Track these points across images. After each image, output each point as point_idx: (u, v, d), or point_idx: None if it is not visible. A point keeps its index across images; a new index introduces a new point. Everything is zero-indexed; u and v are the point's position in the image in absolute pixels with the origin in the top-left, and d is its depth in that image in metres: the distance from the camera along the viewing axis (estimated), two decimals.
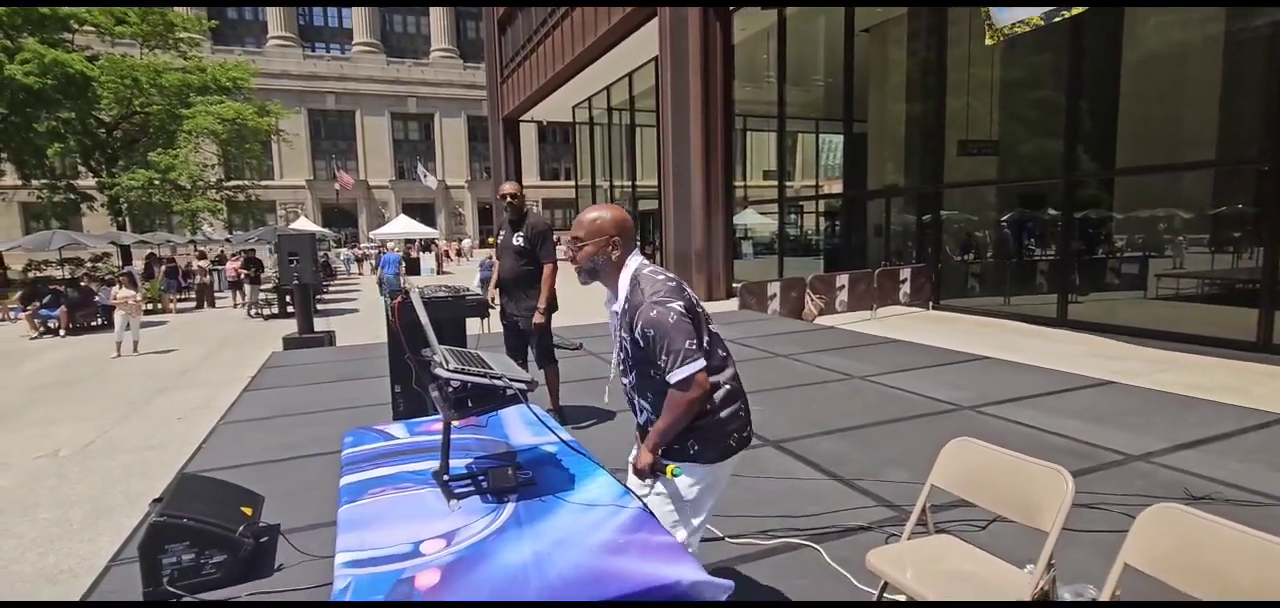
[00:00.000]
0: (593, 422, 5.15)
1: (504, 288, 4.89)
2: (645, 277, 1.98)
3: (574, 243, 2.05)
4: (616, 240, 2.02)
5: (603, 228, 2.02)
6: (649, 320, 1.90)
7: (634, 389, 2.12)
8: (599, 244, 2.01)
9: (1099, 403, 5.20)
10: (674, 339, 1.88)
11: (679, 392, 1.90)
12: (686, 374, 1.89)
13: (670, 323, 1.89)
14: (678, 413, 1.93)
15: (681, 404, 1.91)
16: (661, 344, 1.89)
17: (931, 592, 1.92)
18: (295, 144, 42.09)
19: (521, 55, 27.29)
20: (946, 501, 2.91)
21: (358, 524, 1.84)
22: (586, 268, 2.05)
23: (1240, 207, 9.93)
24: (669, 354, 1.89)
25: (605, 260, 2.03)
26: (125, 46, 23.32)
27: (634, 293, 1.97)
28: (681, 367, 1.89)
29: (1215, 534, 1.67)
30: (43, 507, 4.95)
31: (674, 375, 1.89)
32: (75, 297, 15.14)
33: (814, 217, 19.02)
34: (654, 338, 1.90)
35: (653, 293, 1.93)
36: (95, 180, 23.03)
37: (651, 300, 1.91)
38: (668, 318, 1.89)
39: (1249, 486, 3.50)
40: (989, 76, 12.69)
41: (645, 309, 1.91)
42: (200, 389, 8.61)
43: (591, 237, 2.02)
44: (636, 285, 1.98)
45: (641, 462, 2.01)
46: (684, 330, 1.90)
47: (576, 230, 2.05)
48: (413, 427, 2.69)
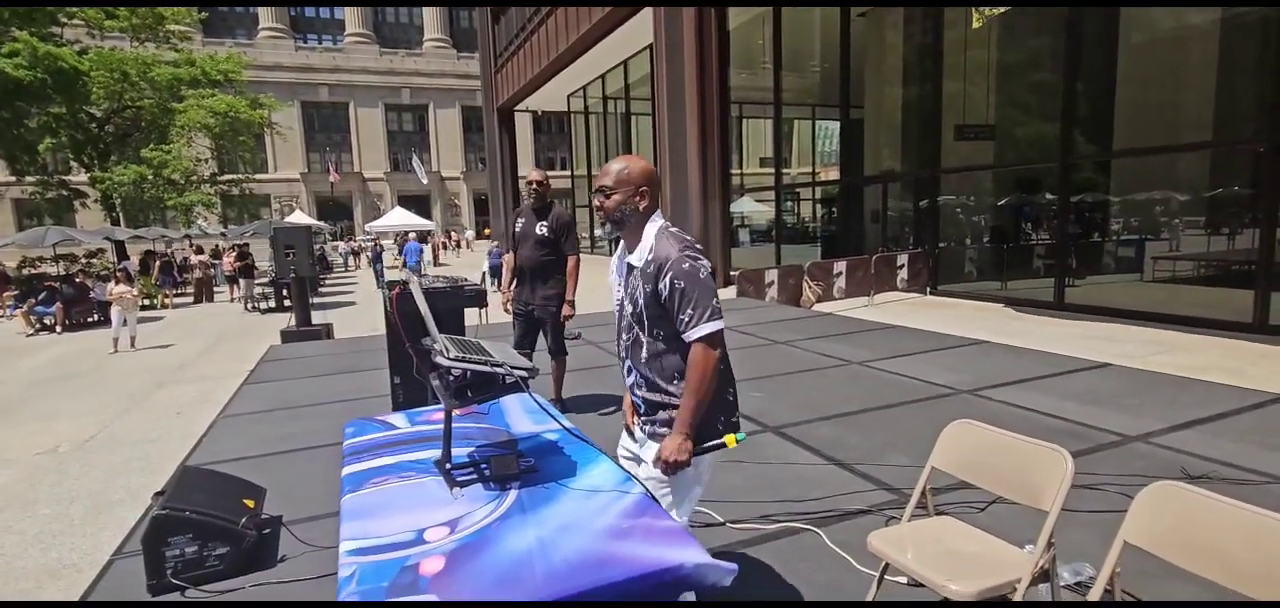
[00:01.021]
0: (594, 411, 5.16)
1: (521, 276, 4.81)
2: (674, 234, 1.97)
3: (600, 192, 2.02)
4: (644, 191, 2.00)
5: (631, 178, 1.99)
6: (681, 272, 1.88)
7: (628, 350, 2.08)
8: (626, 194, 1.99)
9: (1096, 385, 5.22)
10: (703, 294, 1.88)
11: (701, 350, 1.88)
12: (711, 331, 1.88)
13: (701, 279, 1.89)
14: (703, 380, 1.89)
15: (706, 367, 1.89)
16: (690, 297, 1.88)
17: (932, 572, 1.94)
18: (289, 137, 41.82)
19: (515, 45, 27.14)
20: (946, 483, 2.93)
21: (361, 513, 1.85)
22: (614, 217, 2.01)
23: (1237, 188, 9.95)
24: (696, 308, 1.88)
25: (632, 211, 2.00)
26: (115, 40, 23.12)
27: (662, 246, 1.94)
28: (708, 322, 1.88)
29: (1213, 511, 1.68)
30: (43, 502, 4.95)
31: (699, 330, 1.88)
32: (71, 293, 15.09)
33: (811, 204, 19.01)
34: (683, 291, 1.88)
35: (684, 248, 1.92)
36: (87, 176, 22.86)
37: (684, 254, 1.90)
38: (699, 273, 1.89)
39: (1244, 464, 3.52)
40: (986, 60, 12.66)
41: (678, 261, 1.89)
42: (199, 383, 8.60)
43: (619, 186, 1.99)
44: (665, 239, 1.95)
45: (674, 451, 1.91)
46: (712, 289, 1.91)
47: (603, 179, 2.02)
48: (414, 417, 2.70)
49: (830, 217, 17.73)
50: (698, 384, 1.89)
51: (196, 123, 22.32)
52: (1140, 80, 11.12)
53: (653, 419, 2.05)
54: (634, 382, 2.09)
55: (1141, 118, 11.16)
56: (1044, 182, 11.71)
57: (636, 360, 2.05)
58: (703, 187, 15.37)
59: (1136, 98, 11.10)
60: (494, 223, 34.91)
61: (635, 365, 2.07)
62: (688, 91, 14.99)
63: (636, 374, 2.07)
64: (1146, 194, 11.13)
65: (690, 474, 2.00)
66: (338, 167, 47.79)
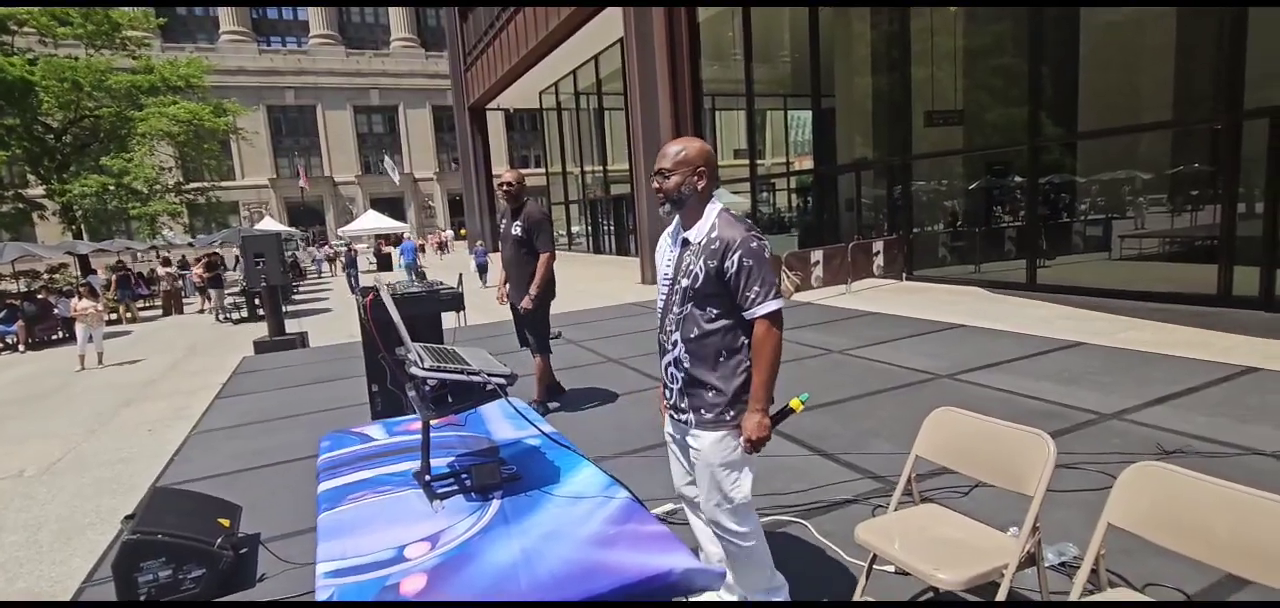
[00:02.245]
0: (577, 410, 5.12)
1: (507, 273, 4.97)
2: (737, 217, 2.04)
3: (660, 175, 2.06)
4: (702, 171, 2.05)
5: (690, 159, 2.04)
6: (750, 250, 1.95)
7: (676, 325, 2.09)
8: (685, 174, 2.04)
9: (1070, 364, 5.30)
10: (769, 273, 1.97)
11: (766, 327, 1.96)
12: (775, 308, 1.97)
13: (766, 258, 1.97)
14: (770, 354, 1.98)
15: (771, 344, 1.97)
16: (758, 276, 1.95)
17: (920, 561, 1.94)
18: (256, 142, 41.01)
19: (484, 42, 26.86)
20: (930, 469, 2.94)
21: (338, 531, 1.80)
22: (672, 198, 2.06)
23: (1197, 165, 10.17)
24: (764, 285, 1.95)
25: (691, 191, 2.05)
26: (70, 47, 22.42)
27: (726, 227, 1.99)
28: (772, 300, 1.96)
29: (1195, 489, 1.70)
30: (9, 529, 4.78)
31: (765, 307, 1.95)
32: (32, 311, 14.64)
33: (786, 193, 19.09)
34: (751, 269, 1.94)
35: (749, 230, 1.99)
36: (44, 188, 22.17)
37: (751, 234, 1.97)
38: (764, 252, 1.97)
39: (1217, 437, 3.59)
40: (952, 46, 12.79)
41: (746, 240, 1.96)
42: (170, 399, 8.39)
43: (678, 168, 2.04)
44: (729, 221, 2.02)
45: (755, 427, 1.98)
46: (774, 269, 1.99)
47: (661, 162, 2.06)
48: (391, 427, 2.64)
49: (805, 206, 17.82)
50: (768, 360, 1.98)
51: (158, 130, 21.74)
52: (1102, 63, 11.31)
53: (694, 401, 2.06)
54: (676, 357, 2.09)
55: (1104, 99, 11.35)
56: (1013, 164, 11.88)
57: (686, 335, 2.06)
58: None
59: (1099, 80, 11.29)
60: (469, 223, 34.61)
61: (683, 340, 2.07)
62: (660, 85, 14.96)
63: (681, 349, 2.07)
64: (1111, 174, 11.34)
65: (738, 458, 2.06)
66: (307, 171, 46.97)
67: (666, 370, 2.14)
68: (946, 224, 13.69)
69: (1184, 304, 8.21)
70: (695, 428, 2.06)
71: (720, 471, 2.04)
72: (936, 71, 12.76)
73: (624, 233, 24.24)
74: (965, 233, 13.22)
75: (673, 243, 2.14)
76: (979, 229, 12.93)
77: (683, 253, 2.07)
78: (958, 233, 13.41)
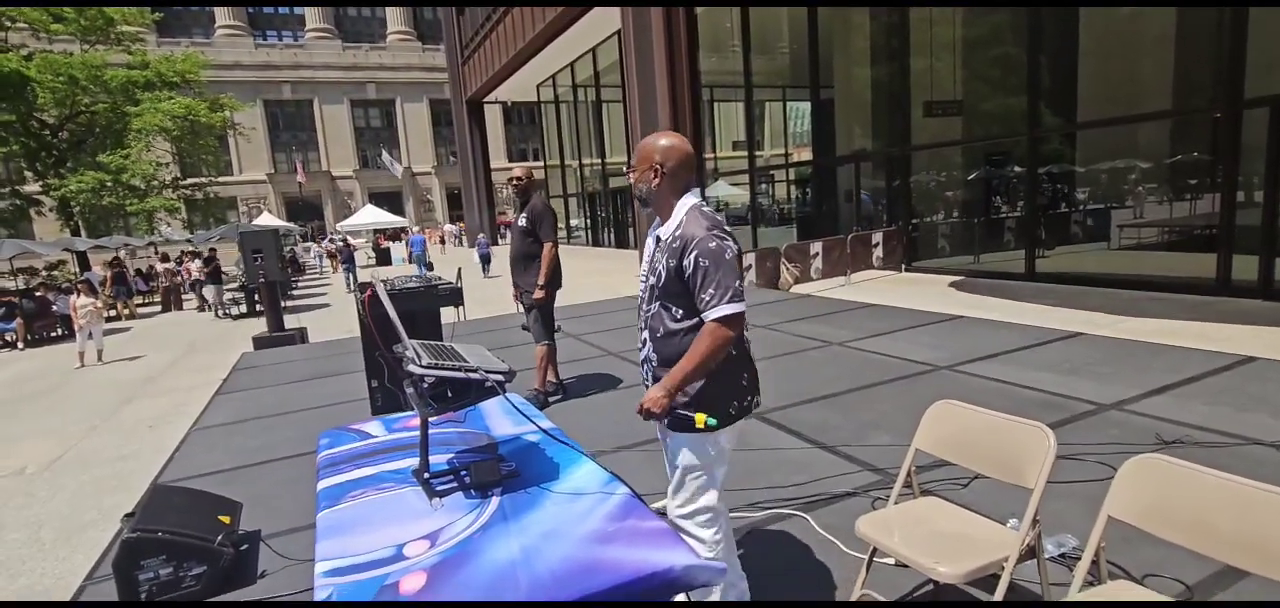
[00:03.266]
0: (578, 402, 5.12)
1: (511, 265, 5.05)
2: (705, 213, 1.98)
3: (633, 169, 2.05)
4: (659, 165, 2.01)
5: (647, 155, 2.02)
6: (706, 250, 1.87)
7: (646, 322, 2.08)
8: (641, 170, 2.03)
9: (1069, 355, 5.30)
10: (726, 275, 1.88)
11: (715, 327, 1.88)
12: (730, 313, 1.87)
13: (726, 259, 1.89)
14: (705, 353, 1.88)
15: (713, 343, 1.87)
16: (713, 277, 1.87)
17: (920, 555, 1.93)
18: (253, 137, 40.86)
19: (481, 35, 26.76)
20: (930, 461, 2.94)
21: (337, 530, 1.79)
22: (639, 195, 2.05)
23: (1196, 154, 10.15)
24: (718, 288, 1.87)
25: (648, 187, 2.02)
26: (65, 43, 22.32)
27: (691, 224, 1.94)
28: (727, 303, 1.87)
29: (1196, 481, 1.69)
30: (10, 527, 4.79)
31: (717, 311, 1.87)
32: (31, 308, 14.61)
33: (785, 185, 19.05)
34: (707, 269, 1.87)
35: (712, 227, 1.92)
36: (40, 184, 22.11)
37: (712, 233, 1.90)
38: (724, 253, 1.89)
39: (1217, 427, 3.59)
40: (951, 37, 12.74)
41: (705, 240, 1.89)
42: (170, 396, 8.38)
43: (639, 163, 2.03)
44: (694, 217, 1.96)
45: (651, 400, 1.92)
46: (735, 270, 1.90)
47: (636, 157, 2.05)
48: (390, 424, 2.64)
49: (804, 197, 17.79)
50: (699, 354, 1.88)
51: (154, 126, 21.66)
52: (1102, 52, 11.27)
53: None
54: (646, 355, 2.08)
55: (1104, 88, 11.32)
56: (1012, 154, 11.86)
57: (655, 333, 2.04)
58: None
59: (1099, 69, 11.26)
60: (468, 216, 34.56)
61: (651, 338, 2.05)
62: (658, 76, 14.91)
63: (650, 348, 2.06)
64: (1110, 163, 11.33)
65: (714, 454, 2.01)
66: (305, 166, 46.85)
67: (643, 366, 2.12)
68: (946, 214, 13.68)
69: (1183, 293, 8.21)
70: (666, 427, 2.04)
71: (687, 474, 2.02)
72: (935, 62, 12.72)
73: (623, 226, 24.22)
74: (965, 223, 13.21)
75: (650, 238, 2.13)
76: (978, 220, 12.92)
77: (655, 250, 2.04)
78: (957, 223, 13.40)
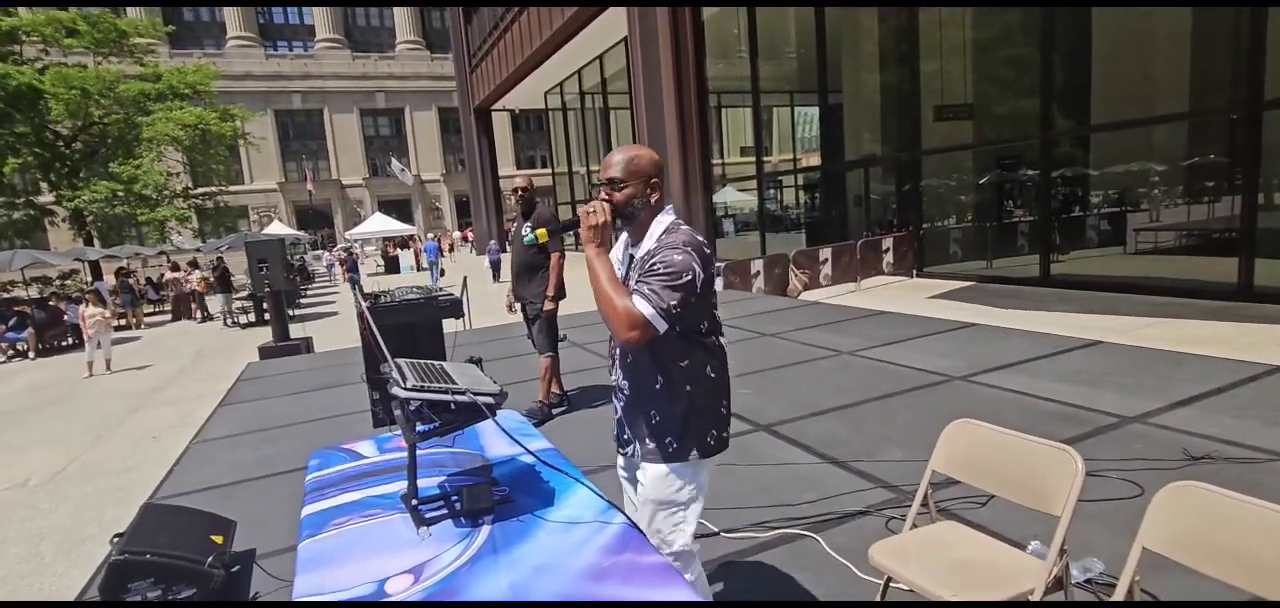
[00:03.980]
0: (581, 414, 5.02)
1: (515, 277, 4.95)
2: (682, 230, 1.82)
3: (610, 185, 1.85)
4: (655, 182, 1.86)
5: (641, 170, 1.84)
6: (667, 258, 1.73)
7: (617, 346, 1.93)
8: (638, 186, 1.84)
9: (1088, 364, 5.15)
10: (670, 290, 1.71)
11: (621, 316, 1.71)
12: (647, 315, 1.70)
13: (681, 277, 1.72)
14: (604, 305, 1.74)
15: (615, 319, 1.72)
16: (655, 277, 1.72)
17: (939, 587, 1.82)
18: (263, 147, 41.18)
19: (489, 44, 26.83)
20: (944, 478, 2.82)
21: (318, 562, 1.69)
22: (625, 212, 1.85)
23: (1213, 157, 9.95)
24: (651, 289, 1.71)
25: (644, 203, 1.85)
26: (78, 57, 22.55)
27: (666, 238, 1.81)
28: (649, 308, 1.70)
29: (1235, 512, 1.57)
30: (11, 541, 4.75)
31: (640, 304, 1.70)
32: (42, 317, 14.70)
33: (793, 191, 18.93)
34: (656, 270, 1.73)
35: (686, 242, 1.77)
36: (54, 195, 22.31)
37: (683, 245, 1.76)
38: (683, 272, 1.72)
39: (1246, 442, 3.44)
40: (961, 39, 12.60)
41: (673, 251, 1.74)
42: (176, 406, 8.37)
43: (631, 178, 1.83)
44: (669, 234, 1.81)
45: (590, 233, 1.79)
46: (681, 290, 1.72)
47: (611, 170, 1.85)
48: (382, 443, 2.54)
49: (813, 203, 17.65)
50: (608, 291, 1.74)
51: (165, 136, 21.83)
52: (1115, 53, 11.10)
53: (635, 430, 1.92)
54: (616, 382, 1.96)
55: (1118, 90, 11.15)
56: (1024, 158, 11.68)
57: (623, 359, 1.91)
58: (684, 178, 15.23)
59: (1113, 70, 11.09)
60: (476, 223, 34.63)
61: (621, 365, 1.93)
62: (665, 83, 14.84)
63: (619, 375, 1.94)
64: (1125, 166, 11.13)
65: (692, 490, 1.88)
66: (315, 174, 47.15)
67: (614, 396, 1.98)
68: (958, 219, 13.50)
69: (1203, 298, 8.02)
70: (641, 461, 1.91)
71: (661, 510, 1.87)
72: (946, 65, 12.58)
73: None
74: (976, 228, 13.03)
75: (623, 256, 1.96)
76: (990, 224, 12.74)
77: (629, 269, 1.88)
78: (969, 228, 13.22)
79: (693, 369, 1.85)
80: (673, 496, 1.86)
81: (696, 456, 1.86)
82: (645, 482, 1.90)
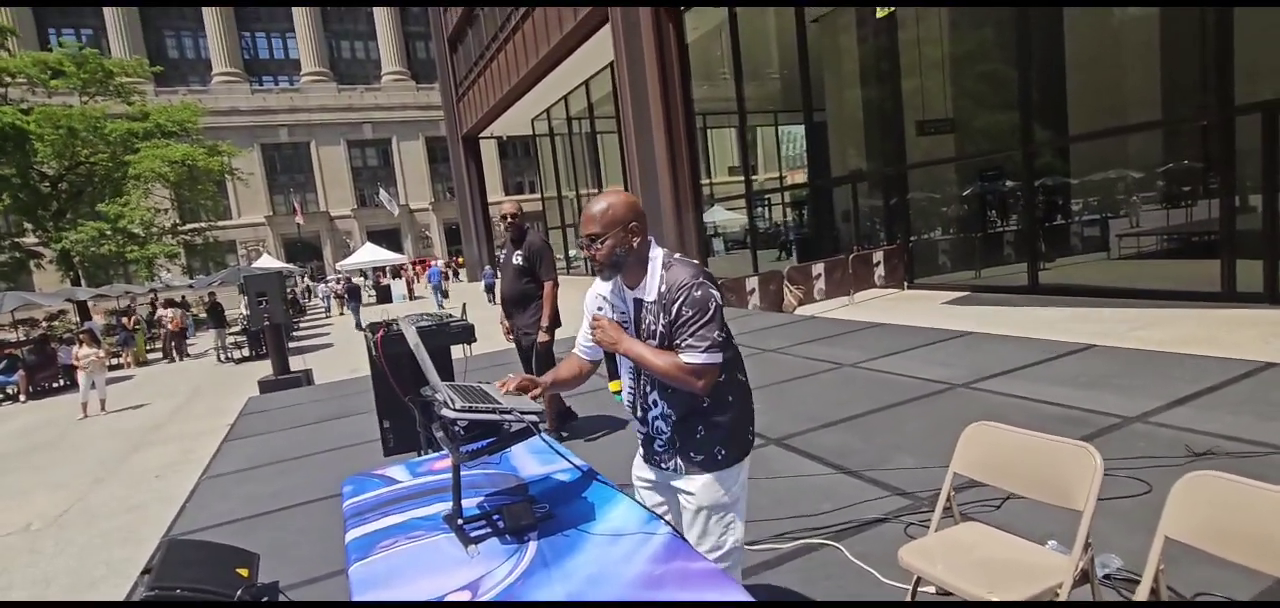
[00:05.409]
0: (602, 433, 5.07)
1: (506, 305, 4.92)
2: (679, 262, 1.89)
3: (590, 240, 1.90)
4: (634, 227, 1.89)
5: (618, 217, 1.87)
6: (692, 299, 1.81)
7: (651, 384, 1.97)
8: (619, 236, 1.88)
9: (1086, 368, 5.27)
10: (710, 327, 1.81)
11: (682, 366, 1.82)
12: (705, 363, 1.81)
13: (711, 310, 1.82)
14: (662, 369, 1.85)
15: (677, 373, 1.83)
16: (694, 324, 1.81)
17: (969, 584, 1.89)
18: (251, 181, 41.10)
19: (475, 72, 27.04)
20: (960, 482, 2.90)
21: (373, 583, 1.74)
22: (608, 263, 1.90)
23: (1186, 162, 10.21)
24: (697, 337, 1.81)
25: (627, 251, 1.89)
26: (63, 97, 22.51)
27: (675, 272, 1.86)
28: (704, 354, 1.80)
29: (1252, 497, 1.65)
30: (17, 588, 4.70)
31: (691, 357, 1.80)
32: (32, 360, 14.54)
33: (782, 208, 19.15)
34: (690, 318, 1.81)
35: (695, 276, 1.84)
36: (39, 235, 22.16)
37: (697, 281, 1.83)
38: (709, 304, 1.82)
39: (1245, 436, 3.55)
40: (940, 55, 12.89)
41: (691, 287, 1.82)
42: (176, 443, 8.30)
43: (609, 228, 1.87)
44: (676, 267, 1.88)
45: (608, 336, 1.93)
46: (719, 321, 1.84)
47: (590, 227, 1.88)
48: (414, 468, 2.58)
49: (801, 220, 17.86)
50: (666, 363, 1.84)
51: (152, 173, 21.79)
52: (1088, 63, 11.40)
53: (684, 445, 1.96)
54: (659, 414, 1.99)
55: (1093, 99, 11.44)
56: (1005, 169, 11.92)
57: (664, 393, 1.96)
58: (675, 198, 15.37)
59: (1087, 81, 11.38)
60: (467, 251, 34.65)
61: (661, 398, 1.97)
62: (652, 104, 15.02)
63: (663, 407, 1.97)
64: (1104, 174, 11.39)
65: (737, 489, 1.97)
66: (303, 207, 47.05)
67: (653, 424, 2.01)
68: (945, 231, 13.72)
69: (1189, 301, 8.20)
70: (685, 473, 1.97)
71: (713, 515, 1.94)
72: (925, 81, 12.85)
73: None
74: (964, 239, 13.24)
75: (617, 301, 2.01)
76: (977, 235, 12.96)
77: (640, 313, 1.94)
78: (957, 239, 13.43)
79: (729, 380, 1.94)
80: (723, 498, 1.94)
81: (740, 456, 1.96)
82: (694, 491, 1.95)
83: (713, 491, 1.94)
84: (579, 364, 2.17)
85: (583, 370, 2.18)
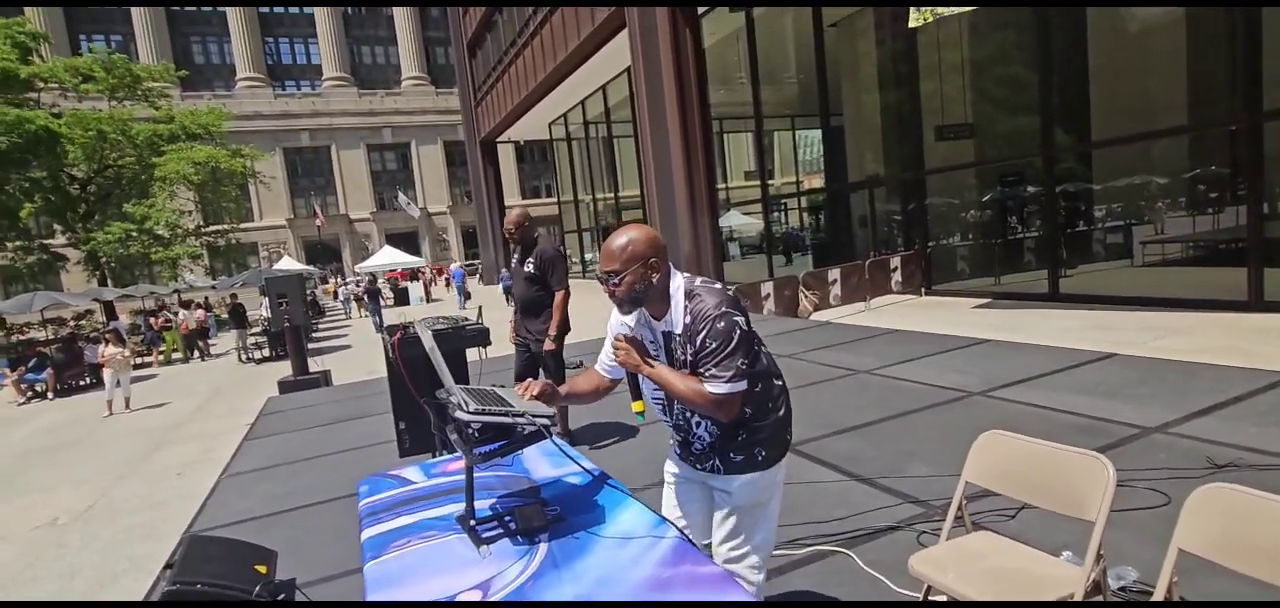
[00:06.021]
0: (612, 439, 5.09)
1: (518, 311, 4.93)
2: (702, 288, 1.91)
3: (609, 276, 1.91)
4: (654, 262, 1.90)
5: (638, 253, 1.88)
6: (716, 331, 1.82)
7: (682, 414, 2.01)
8: (638, 272, 1.89)
9: (1105, 377, 5.20)
10: (733, 357, 1.82)
11: (709, 404, 1.84)
12: (727, 392, 1.83)
13: (735, 339, 1.83)
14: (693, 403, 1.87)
15: (700, 399, 1.85)
16: (718, 355, 1.82)
17: (980, 593, 1.88)
18: (273, 185, 41.70)
19: (493, 77, 27.26)
20: (973, 491, 2.88)
21: (387, 581, 1.77)
22: (628, 299, 1.92)
23: (1213, 168, 10.04)
24: (720, 367, 1.82)
25: (647, 286, 1.91)
26: (93, 101, 23.05)
27: (701, 300, 1.88)
28: (726, 384, 1.82)
29: (1268, 511, 1.63)
30: (44, 579, 4.82)
31: (714, 387, 1.82)
32: (61, 358, 14.87)
33: (798, 213, 19.08)
34: (714, 349, 1.82)
35: (718, 304, 1.86)
36: (68, 237, 22.67)
37: (721, 311, 1.84)
38: (733, 333, 1.83)
39: (1270, 449, 3.48)
40: (959, 59, 12.78)
41: (714, 319, 1.83)
42: (197, 442, 8.45)
43: (628, 265, 1.89)
44: (696, 298, 1.89)
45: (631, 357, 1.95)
46: (744, 349, 1.84)
47: (609, 263, 1.91)
48: (429, 469, 2.62)
49: (818, 225, 17.79)
50: (689, 389, 1.86)
51: (177, 174, 22.22)
52: (1113, 69, 11.25)
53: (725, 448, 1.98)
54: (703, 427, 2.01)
55: (1117, 104, 11.28)
56: (1026, 174, 11.79)
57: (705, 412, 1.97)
58: (691, 203, 15.36)
59: (1110, 86, 11.22)
60: (483, 254, 34.91)
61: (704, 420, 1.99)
62: (669, 109, 15.02)
63: (706, 426, 1.99)
64: (1128, 180, 11.22)
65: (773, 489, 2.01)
66: (324, 210, 47.66)
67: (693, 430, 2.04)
68: (964, 237, 13.59)
69: (1214, 309, 8.05)
70: (724, 474, 1.99)
71: (748, 512, 1.96)
72: (944, 85, 12.75)
73: None
74: (983, 245, 13.11)
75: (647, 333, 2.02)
76: (996, 241, 12.82)
77: (669, 344, 1.97)
78: (976, 245, 13.30)
79: (766, 389, 1.97)
80: (762, 497, 1.98)
81: (779, 457, 1.99)
82: (732, 491, 1.97)
83: (751, 490, 1.96)
84: (598, 379, 2.19)
85: (601, 386, 2.19)
